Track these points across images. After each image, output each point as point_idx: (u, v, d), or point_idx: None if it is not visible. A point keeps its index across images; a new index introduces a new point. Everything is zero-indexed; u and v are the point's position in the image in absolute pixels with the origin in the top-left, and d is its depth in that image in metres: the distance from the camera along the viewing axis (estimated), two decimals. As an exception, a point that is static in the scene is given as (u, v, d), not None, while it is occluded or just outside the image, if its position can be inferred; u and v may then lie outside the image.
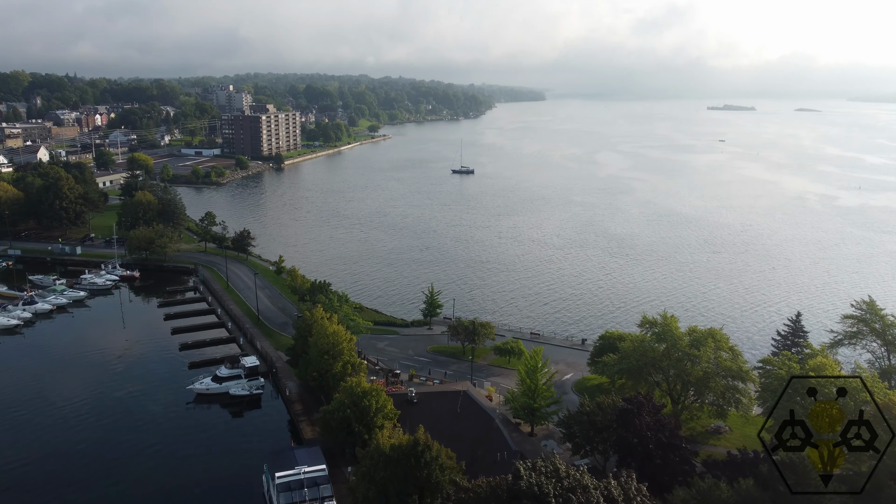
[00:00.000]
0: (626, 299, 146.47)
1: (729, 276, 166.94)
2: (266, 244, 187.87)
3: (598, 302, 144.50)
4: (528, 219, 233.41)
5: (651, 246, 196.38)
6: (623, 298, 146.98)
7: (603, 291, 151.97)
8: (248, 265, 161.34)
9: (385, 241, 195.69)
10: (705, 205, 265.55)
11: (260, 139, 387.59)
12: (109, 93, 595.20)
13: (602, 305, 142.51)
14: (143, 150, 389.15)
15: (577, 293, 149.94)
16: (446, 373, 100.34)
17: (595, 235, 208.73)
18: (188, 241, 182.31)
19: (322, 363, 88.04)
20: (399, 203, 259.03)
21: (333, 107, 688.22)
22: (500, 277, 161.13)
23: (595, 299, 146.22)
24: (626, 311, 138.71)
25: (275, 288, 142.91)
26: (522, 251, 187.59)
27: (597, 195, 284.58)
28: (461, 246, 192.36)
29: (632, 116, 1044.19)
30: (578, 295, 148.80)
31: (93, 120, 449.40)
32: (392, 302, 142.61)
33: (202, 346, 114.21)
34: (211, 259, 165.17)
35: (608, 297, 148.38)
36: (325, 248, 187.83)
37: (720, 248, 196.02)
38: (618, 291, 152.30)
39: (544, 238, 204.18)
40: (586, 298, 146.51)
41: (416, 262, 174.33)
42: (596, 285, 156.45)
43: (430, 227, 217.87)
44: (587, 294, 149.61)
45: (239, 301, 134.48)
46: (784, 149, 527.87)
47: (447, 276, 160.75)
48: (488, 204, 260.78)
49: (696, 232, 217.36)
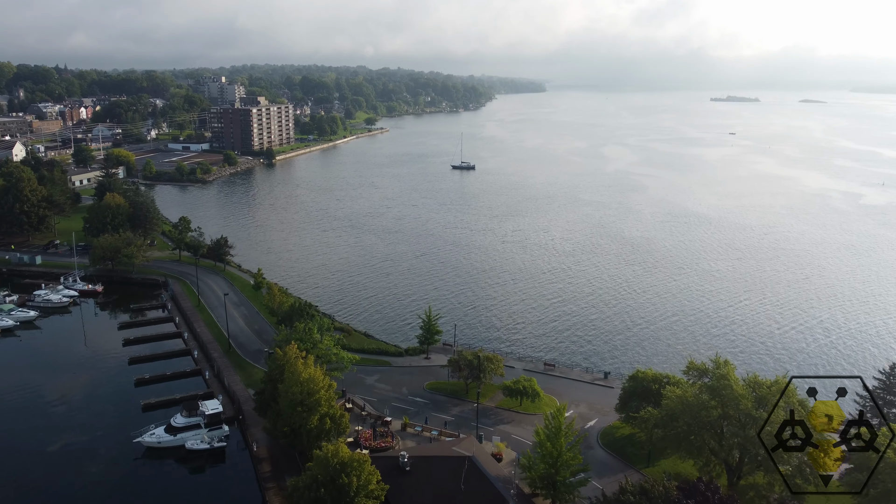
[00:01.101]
0: (649, 318, 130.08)
1: (758, 288, 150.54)
2: (248, 251, 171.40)
3: (617, 321, 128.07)
4: (533, 220, 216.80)
5: (669, 252, 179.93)
6: (645, 316, 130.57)
7: (621, 308, 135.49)
8: (225, 277, 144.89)
9: (378, 247, 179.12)
10: (722, 203, 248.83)
11: (250, 133, 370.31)
12: (98, 85, 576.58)
13: (622, 325, 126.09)
14: (128, 145, 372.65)
15: (593, 310, 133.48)
16: (446, 422, 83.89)
17: (607, 240, 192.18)
18: (162, 248, 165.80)
19: (294, 417, 71.81)
20: (394, 203, 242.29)
21: (330, 99, 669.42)
22: (505, 290, 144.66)
23: (613, 318, 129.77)
24: (648, 332, 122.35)
25: (252, 305, 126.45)
26: (528, 259, 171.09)
27: (606, 193, 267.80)
28: (461, 252, 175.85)
29: (634, 108, 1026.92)
30: (594, 313, 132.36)
31: (77, 113, 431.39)
32: (384, 321, 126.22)
33: (162, 381, 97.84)
34: (185, 270, 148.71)
35: (628, 314, 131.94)
36: (312, 254, 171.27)
37: (744, 254, 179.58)
38: (638, 308, 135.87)
39: (552, 243, 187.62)
40: (604, 317, 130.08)
41: (411, 271, 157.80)
42: (613, 300, 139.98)
43: (427, 229, 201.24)
44: (604, 312, 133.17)
45: (210, 322, 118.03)
46: (795, 142, 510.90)
47: (446, 288, 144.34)
48: (490, 203, 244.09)
49: (716, 235, 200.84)
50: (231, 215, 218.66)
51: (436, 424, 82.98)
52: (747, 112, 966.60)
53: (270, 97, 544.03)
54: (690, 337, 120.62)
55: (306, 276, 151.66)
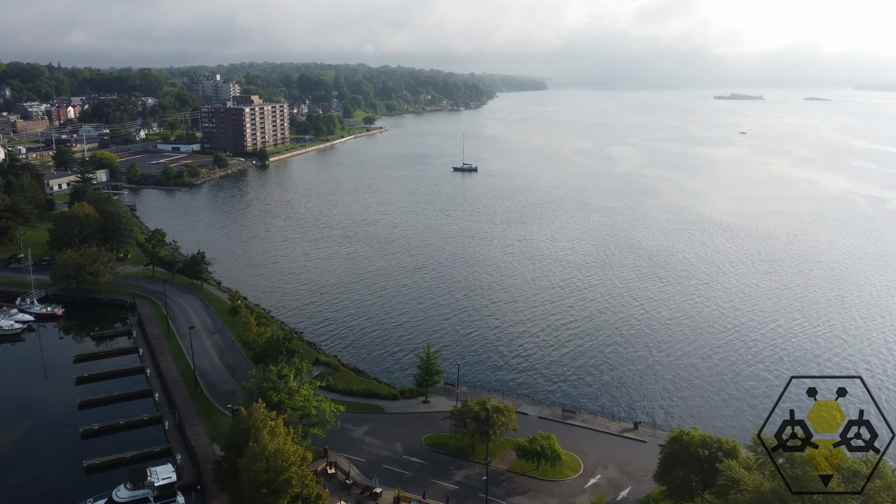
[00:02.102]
0: (675, 345, 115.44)
1: (790, 308, 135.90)
2: (230, 264, 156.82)
3: (640, 348, 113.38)
4: (539, 228, 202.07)
5: (689, 265, 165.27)
6: (671, 344, 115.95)
7: (643, 334, 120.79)
8: (201, 297, 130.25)
9: (372, 260, 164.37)
10: (740, 209, 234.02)
11: (243, 133, 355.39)
12: (89, 83, 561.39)
13: (646, 355, 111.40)
14: (116, 145, 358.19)
15: (612, 337, 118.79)
16: (449, 496, 69.15)
17: (620, 250, 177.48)
18: (137, 262, 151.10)
19: (258, 501, 57.26)
20: (391, 208, 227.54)
21: (328, 97, 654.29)
22: (511, 313, 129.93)
23: (636, 345, 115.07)
24: (678, 365, 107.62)
25: (228, 333, 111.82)
26: (536, 274, 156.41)
27: (615, 197, 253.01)
28: (462, 266, 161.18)
29: (638, 106, 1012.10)
30: (613, 340, 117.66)
31: (65, 113, 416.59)
32: (377, 350, 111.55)
33: (115, 432, 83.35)
34: (158, 288, 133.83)
35: (651, 340, 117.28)
36: (300, 269, 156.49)
37: (770, 267, 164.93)
38: (662, 332, 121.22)
39: (561, 255, 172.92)
40: (624, 345, 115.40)
41: (407, 289, 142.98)
42: (633, 324, 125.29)
43: (425, 239, 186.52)
44: (624, 337, 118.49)
45: (179, 354, 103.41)
46: (806, 141, 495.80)
47: (446, 310, 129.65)
48: (493, 209, 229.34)
49: (738, 244, 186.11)
50: (215, 223, 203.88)
51: (437, 496, 68.45)
52: (752, 110, 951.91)
53: (267, 96, 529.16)
54: (729, 369, 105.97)
55: (291, 296, 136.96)
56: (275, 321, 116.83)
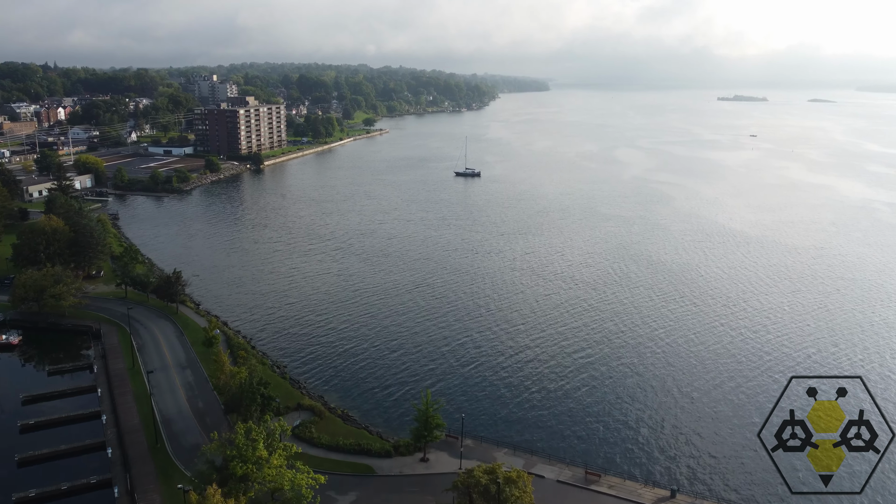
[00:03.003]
0: (706, 382, 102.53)
1: (828, 334, 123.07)
2: (210, 282, 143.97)
3: (668, 386, 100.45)
4: (547, 240, 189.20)
5: (710, 282, 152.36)
6: (702, 380, 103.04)
7: (668, 365, 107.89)
8: (175, 322, 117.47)
9: (365, 277, 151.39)
10: (759, 218, 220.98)
11: (237, 136, 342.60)
12: (82, 83, 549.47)
13: (677, 394, 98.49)
14: (105, 148, 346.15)
15: (633, 371, 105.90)
16: None
17: (636, 265, 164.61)
18: (110, 281, 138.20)
19: None
20: (389, 217, 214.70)
21: (328, 98, 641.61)
22: (519, 338, 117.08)
23: (663, 380, 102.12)
24: (712, 412, 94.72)
25: (201, 368, 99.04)
26: (544, 293, 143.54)
27: (626, 205, 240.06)
28: (463, 283, 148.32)
29: (641, 107, 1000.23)
30: (635, 375, 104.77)
31: (55, 114, 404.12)
32: (367, 386, 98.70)
33: (55, 499, 70.62)
34: (129, 311, 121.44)
35: (680, 375, 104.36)
36: (286, 287, 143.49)
37: (800, 285, 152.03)
38: (690, 364, 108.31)
39: (571, 271, 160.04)
40: (649, 380, 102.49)
41: (403, 311, 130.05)
42: (656, 354, 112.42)
43: (424, 252, 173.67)
44: (648, 371, 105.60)
45: (142, 395, 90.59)
46: (818, 144, 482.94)
47: (445, 333, 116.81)
48: (497, 217, 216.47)
49: (760, 259, 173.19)
50: (200, 232, 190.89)
51: None
52: (757, 112, 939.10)
53: (265, 96, 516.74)
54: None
55: (275, 320, 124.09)
56: (254, 353, 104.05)
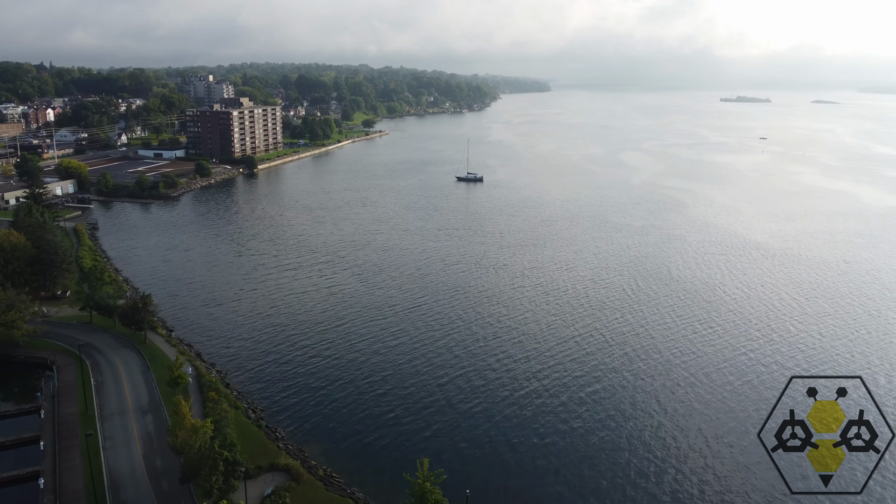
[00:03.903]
0: (745, 440, 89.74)
1: (878, 367, 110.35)
2: (186, 302, 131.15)
3: (709, 439, 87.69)
4: (554, 253, 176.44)
5: (734, 303, 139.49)
6: (742, 433, 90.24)
7: (698, 411, 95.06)
8: (143, 353, 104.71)
9: (356, 296, 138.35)
10: (779, 228, 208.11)
11: (230, 138, 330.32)
12: (75, 84, 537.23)
13: (722, 452, 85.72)
14: (94, 151, 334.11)
15: (663, 422, 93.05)
16: None
17: (652, 283, 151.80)
18: (76, 303, 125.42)
19: None
20: (385, 226, 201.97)
21: (327, 99, 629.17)
22: (528, 376, 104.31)
23: (701, 429, 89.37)
24: (764, 477, 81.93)
25: (165, 414, 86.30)
26: (553, 315, 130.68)
27: (637, 213, 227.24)
28: (463, 303, 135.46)
29: (643, 108, 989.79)
30: (666, 425, 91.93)
31: (43, 115, 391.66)
32: (354, 435, 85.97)
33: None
34: (94, 340, 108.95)
35: (720, 425, 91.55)
36: (269, 308, 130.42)
37: (831, 307, 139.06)
38: (719, 409, 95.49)
39: (582, 289, 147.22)
40: (682, 433, 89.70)
41: (396, 338, 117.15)
42: (686, 395, 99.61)
43: (421, 266, 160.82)
44: (681, 417, 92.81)
45: (92, 449, 77.79)
46: (828, 147, 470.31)
47: (443, 367, 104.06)
48: (501, 227, 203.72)
49: (786, 274, 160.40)
50: (182, 243, 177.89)
51: None
52: (762, 113, 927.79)
53: (263, 97, 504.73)
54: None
55: (254, 350, 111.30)
56: (227, 394, 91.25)
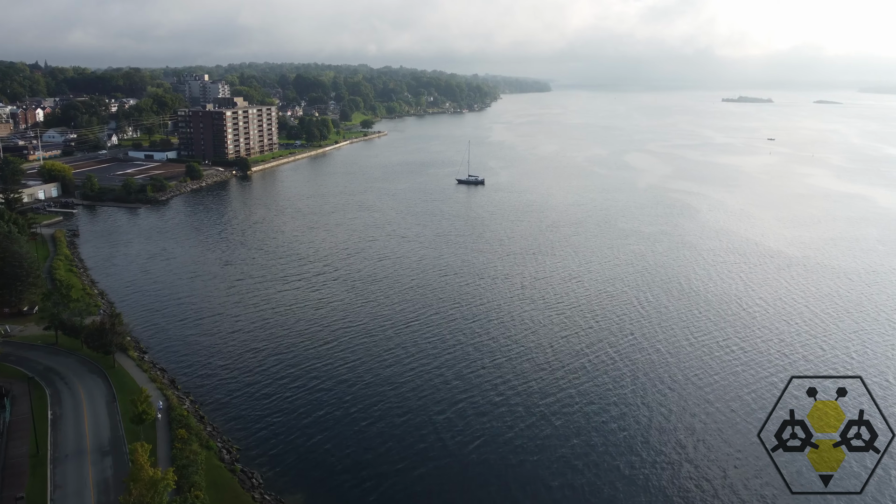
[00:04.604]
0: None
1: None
2: (163, 318, 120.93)
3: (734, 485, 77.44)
4: (560, 262, 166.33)
5: (755, 319, 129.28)
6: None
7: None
8: (110, 380, 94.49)
9: (347, 311, 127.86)
10: (797, 235, 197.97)
11: (224, 139, 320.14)
12: (68, 83, 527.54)
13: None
14: (83, 152, 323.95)
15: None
16: None
17: (665, 295, 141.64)
18: (42, 321, 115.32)
19: None
20: (381, 233, 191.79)
21: (325, 99, 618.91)
22: (533, 408, 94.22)
23: (729, 482, 79.07)
24: None
25: (126, 455, 76.18)
26: (560, 332, 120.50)
27: (645, 218, 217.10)
28: (463, 318, 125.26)
29: (646, 108, 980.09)
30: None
31: (33, 115, 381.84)
32: (339, 476, 75.90)
33: None
34: (57, 364, 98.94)
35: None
36: (253, 326, 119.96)
37: (863, 322, 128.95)
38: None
39: (591, 303, 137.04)
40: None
41: (389, 357, 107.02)
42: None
43: (418, 277, 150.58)
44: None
45: (39, 500, 67.76)
46: (836, 148, 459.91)
47: (439, 401, 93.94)
48: (503, 233, 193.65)
49: (808, 286, 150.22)
50: (162, 253, 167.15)
51: None
52: (765, 113, 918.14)
53: (260, 97, 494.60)
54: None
55: (233, 375, 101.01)
56: (199, 431, 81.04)
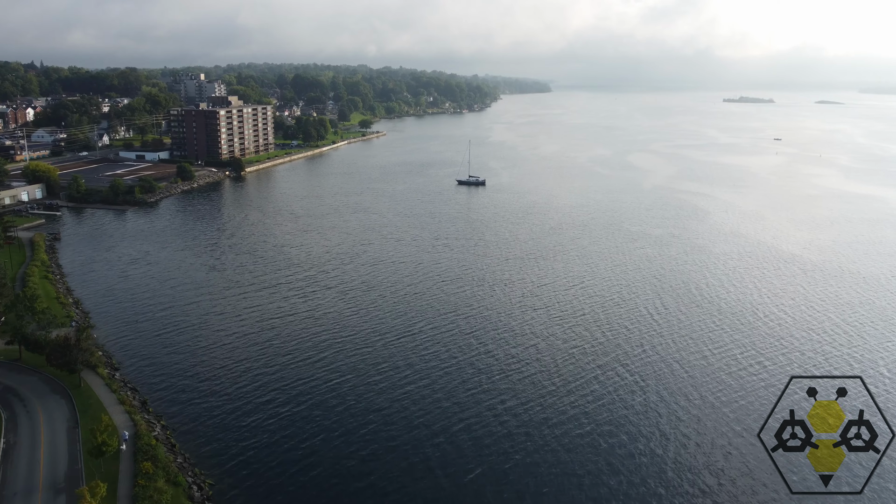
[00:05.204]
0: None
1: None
2: (140, 332, 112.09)
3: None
4: (565, 267, 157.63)
5: (778, 328, 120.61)
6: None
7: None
8: (74, 401, 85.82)
9: (337, 322, 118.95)
10: (811, 238, 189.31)
11: (217, 139, 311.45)
12: (62, 83, 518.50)
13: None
14: (73, 153, 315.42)
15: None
16: None
17: (678, 304, 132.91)
18: (3, 333, 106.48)
19: None
20: (377, 236, 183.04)
21: (323, 99, 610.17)
22: (540, 436, 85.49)
23: None
24: None
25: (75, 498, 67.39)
26: (567, 345, 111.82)
27: (653, 220, 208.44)
28: (461, 330, 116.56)
29: (647, 109, 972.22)
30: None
31: (23, 115, 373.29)
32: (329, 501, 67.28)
33: None
34: (15, 383, 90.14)
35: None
36: (236, 339, 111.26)
37: (891, 332, 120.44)
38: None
39: (598, 312, 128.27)
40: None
41: (380, 375, 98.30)
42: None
43: (415, 284, 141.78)
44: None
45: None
46: (844, 148, 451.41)
47: (433, 419, 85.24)
48: (505, 237, 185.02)
49: (831, 292, 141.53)
50: (145, 258, 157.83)
51: None
52: (767, 114, 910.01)
53: (257, 97, 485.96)
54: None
55: (212, 394, 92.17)
56: (168, 462, 72.21)
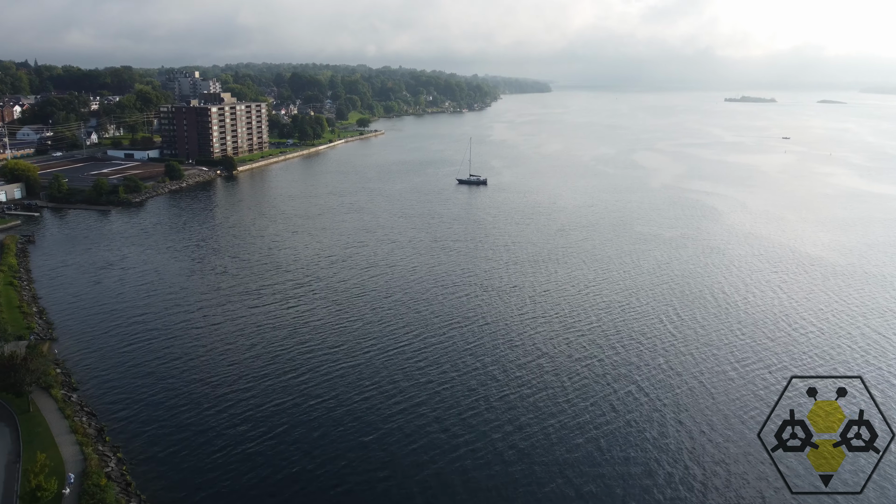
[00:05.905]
0: None
1: None
2: (106, 346, 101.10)
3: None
4: (572, 271, 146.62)
5: (811, 337, 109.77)
6: None
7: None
8: (20, 428, 74.91)
9: (325, 334, 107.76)
10: (835, 239, 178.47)
11: (209, 137, 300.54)
12: (53, 81, 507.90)
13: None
14: (61, 151, 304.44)
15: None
16: None
17: (696, 311, 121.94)
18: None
19: None
20: (372, 238, 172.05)
21: (321, 98, 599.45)
22: (548, 462, 74.59)
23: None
24: None
25: (11, 545, 56.53)
26: (576, 358, 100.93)
27: (665, 221, 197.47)
28: (461, 343, 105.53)
29: (648, 108, 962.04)
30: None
31: (10, 113, 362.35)
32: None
33: None
34: (-42, 405, 79.27)
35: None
36: (213, 355, 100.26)
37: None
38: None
39: (610, 321, 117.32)
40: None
41: (369, 396, 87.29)
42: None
43: (411, 290, 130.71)
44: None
45: None
46: (854, 147, 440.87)
47: (429, 451, 74.37)
48: (507, 239, 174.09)
49: (860, 298, 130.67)
50: (121, 262, 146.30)
51: None
52: (770, 113, 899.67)
53: (254, 95, 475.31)
54: None
55: (174, 422, 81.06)
56: (117, 506, 61.39)
